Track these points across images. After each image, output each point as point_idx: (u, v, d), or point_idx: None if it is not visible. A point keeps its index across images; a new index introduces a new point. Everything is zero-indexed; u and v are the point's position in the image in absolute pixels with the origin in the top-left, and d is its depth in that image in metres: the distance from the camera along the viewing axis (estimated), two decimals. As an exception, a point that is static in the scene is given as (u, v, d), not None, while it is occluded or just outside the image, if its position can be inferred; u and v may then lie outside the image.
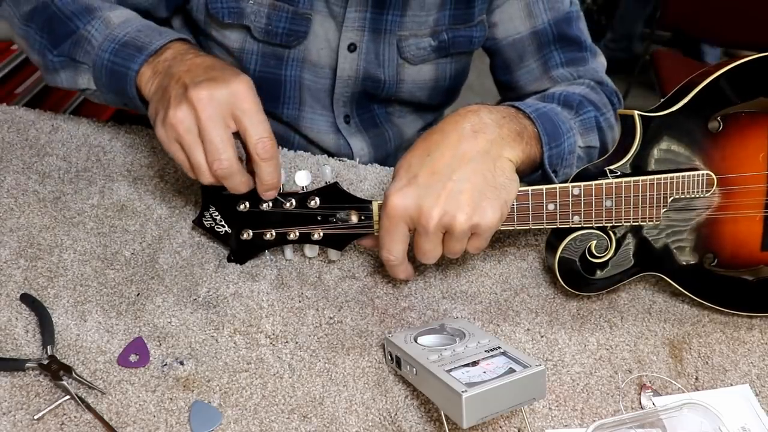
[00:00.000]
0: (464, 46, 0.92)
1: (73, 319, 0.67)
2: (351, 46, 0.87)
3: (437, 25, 0.89)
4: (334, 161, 0.89)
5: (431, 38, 0.89)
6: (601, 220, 0.68)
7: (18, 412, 0.59)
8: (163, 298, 0.69)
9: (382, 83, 0.92)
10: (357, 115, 0.96)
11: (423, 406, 0.63)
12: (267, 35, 0.86)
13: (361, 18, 0.86)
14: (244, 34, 0.87)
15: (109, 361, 0.64)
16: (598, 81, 0.92)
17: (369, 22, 0.86)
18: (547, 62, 0.92)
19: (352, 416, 0.61)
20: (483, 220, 0.63)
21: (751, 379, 0.68)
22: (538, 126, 0.71)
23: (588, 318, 0.73)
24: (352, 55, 0.88)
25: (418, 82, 0.93)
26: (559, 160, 0.74)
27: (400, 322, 0.70)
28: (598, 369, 0.68)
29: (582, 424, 0.63)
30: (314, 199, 0.69)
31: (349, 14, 0.85)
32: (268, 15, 0.84)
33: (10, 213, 0.76)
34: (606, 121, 0.86)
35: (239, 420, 0.60)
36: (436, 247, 0.65)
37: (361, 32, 0.87)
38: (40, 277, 0.70)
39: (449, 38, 0.90)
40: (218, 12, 0.84)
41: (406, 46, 0.89)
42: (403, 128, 1.02)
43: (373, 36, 0.88)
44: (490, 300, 0.74)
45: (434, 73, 0.93)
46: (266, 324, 0.68)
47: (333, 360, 0.66)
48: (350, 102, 0.94)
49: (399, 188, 0.63)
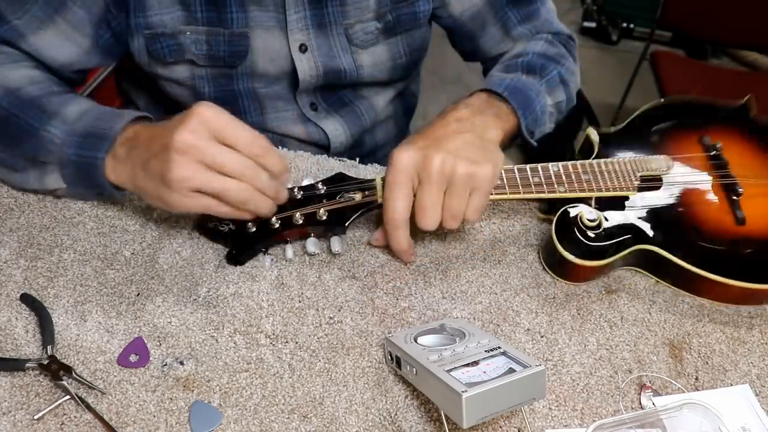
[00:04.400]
0: (411, 23, 0.93)
1: (73, 319, 0.67)
2: (302, 47, 0.88)
3: (380, 7, 0.89)
4: (334, 161, 0.89)
5: (376, 21, 0.90)
6: (584, 189, 0.76)
7: (18, 412, 0.59)
8: (163, 298, 0.69)
9: (343, 73, 0.92)
10: (323, 100, 0.97)
11: (423, 406, 0.63)
12: (210, 60, 0.86)
13: (302, 18, 0.86)
14: (190, 65, 0.87)
15: (109, 361, 0.64)
16: (553, 32, 0.98)
17: (311, 19, 0.87)
18: (505, 24, 0.96)
19: (352, 416, 0.61)
20: (480, 171, 0.68)
21: (751, 379, 0.68)
22: (511, 102, 0.81)
23: (588, 318, 0.73)
24: (305, 56, 0.89)
25: (377, 65, 0.94)
26: (534, 123, 0.85)
27: (400, 322, 0.70)
28: (598, 369, 0.68)
29: (582, 424, 0.63)
30: (320, 186, 0.74)
31: (290, 17, 0.85)
32: (207, 41, 0.85)
33: (10, 213, 0.76)
34: (567, 70, 0.93)
35: (239, 420, 0.60)
36: (437, 203, 0.69)
37: (306, 31, 0.87)
38: (40, 277, 0.70)
39: (394, 18, 0.91)
40: (159, 53, 0.84)
41: (354, 33, 0.90)
42: (372, 100, 1.02)
43: (319, 32, 0.88)
44: (490, 300, 0.74)
45: (389, 53, 0.94)
46: (266, 324, 0.68)
47: (333, 360, 0.66)
48: (315, 93, 0.95)
49: (404, 147, 0.69)
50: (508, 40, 0.97)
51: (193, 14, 0.83)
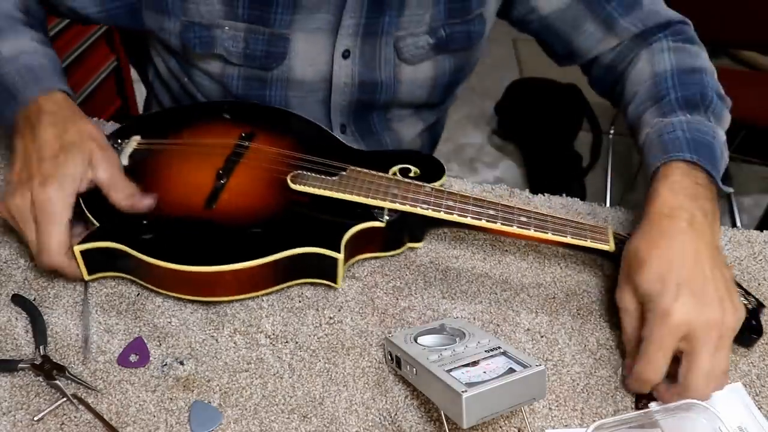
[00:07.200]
0: (462, 42, 0.91)
1: (73, 319, 0.67)
2: (345, 52, 0.87)
3: (434, 21, 0.87)
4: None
5: (428, 35, 0.88)
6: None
7: (18, 412, 0.59)
8: (163, 298, 0.69)
9: (379, 86, 0.91)
10: (354, 123, 0.96)
11: (423, 406, 0.63)
12: (245, 59, 0.85)
13: (355, 24, 0.85)
14: (221, 60, 0.87)
15: (109, 361, 0.64)
16: (663, 23, 0.89)
17: (363, 27, 0.85)
18: (605, 19, 0.89)
19: (352, 416, 0.61)
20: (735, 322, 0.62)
21: (751, 379, 0.68)
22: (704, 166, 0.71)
23: (588, 318, 0.73)
24: (346, 62, 0.87)
25: (417, 81, 0.92)
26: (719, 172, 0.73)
27: (400, 322, 0.70)
28: (598, 369, 0.68)
29: (582, 424, 0.63)
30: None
31: (344, 21, 0.84)
32: (245, 39, 0.84)
33: (10, 213, 0.76)
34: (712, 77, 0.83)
35: (239, 420, 0.60)
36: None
37: (355, 38, 0.86)
38: (40, 277, 0.70)
39: (447, 34, 0.89)
40: (190, 42, 0.84)
41: (404, 46, 0.88)
42: (401, 133, 1.01)
43: (367, 40, 0.87)
44: (490, 300, 0.74)
45: (433, 71, 0.92)
46: (266, 324, 0.68)
47: (333, 360, 0.66)
48: (347, 112, 0.93)
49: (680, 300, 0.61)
50: (612, 37, 0.90)
51: (234, 9, 0.82)
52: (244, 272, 0.66)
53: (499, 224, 0.70)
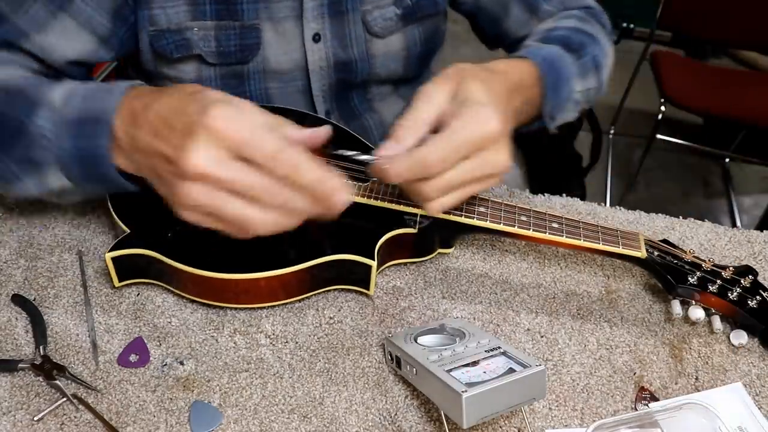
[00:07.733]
0: (430, 8, 0.92)
1: (73, 319, 0.67)
2: (315, 36, 0.87)
3: None
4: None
5: (395, 6, 0.89)
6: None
7: (18, 412, 0.59)
8: (163, 298, 0.69)
9: (354, 64, 0.91)
10: (337, 109, 0.96)
11: (423, 406, 0.63)
12: (220, 57, 0.85)
13: (319, 5, 0.85)
14: (197, 63, 0.85)
15: (109, 361, 0.64)
16: (584, 6, 0.92)
17: (327, 7, 0.86)
18: (531, 3, 0.92)
19: (352, 416, 0.61)
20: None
21: (751, 379, 0.68)
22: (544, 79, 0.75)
23: (588, 318, 0.73)
24: (318, 45, 0.88)
25: (390, 54, 0.93)
26: (555, 109, 0.79)
27: (400, 322, 0.70)
28: (598, 369, 0.68)
29: (582, 424, 0.63)
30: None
31: (306, 5, 0.84)
32: (216, 37, 0.83)
33: (10, 213, 0.76)
34: (602, 52, 0.87)
35: (239, 420, 0.60)
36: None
37: (321, 19, 0.86)
38: (40, 277, 0.70)
39: (413, 2, 0.90)
40: (165, 48, 0.82)
41: (372, 19, 0.89)
42: (383, 113, 1.01)
43: (335, 20, 0.87)
44: (490, 300, 0.74)
45: (404, 42, 0.93)
46: (266, 324, 0.68)
47: (333, 360, 0.66)
48: (329, 96, 0.94)
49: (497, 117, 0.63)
50: (535, 19, 0.93)
51: (200, 8, 0.81)
52: (277, 279, 0.66)
53: (532, 231, 0.70)
